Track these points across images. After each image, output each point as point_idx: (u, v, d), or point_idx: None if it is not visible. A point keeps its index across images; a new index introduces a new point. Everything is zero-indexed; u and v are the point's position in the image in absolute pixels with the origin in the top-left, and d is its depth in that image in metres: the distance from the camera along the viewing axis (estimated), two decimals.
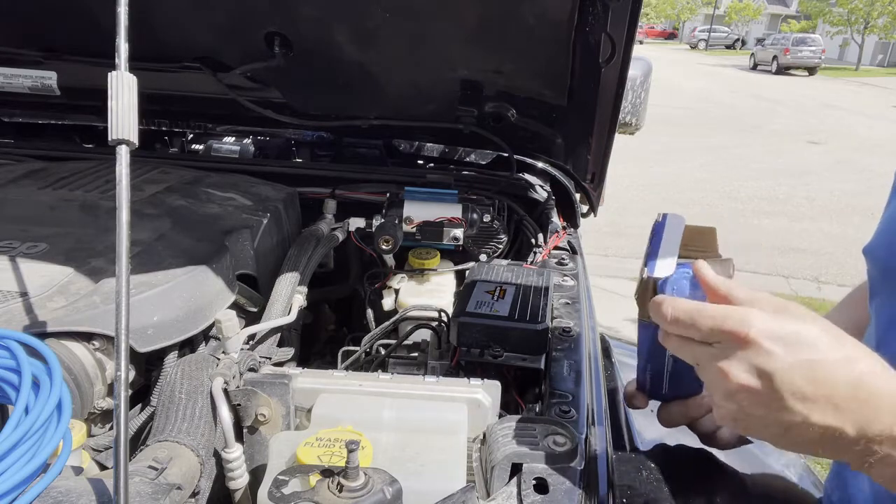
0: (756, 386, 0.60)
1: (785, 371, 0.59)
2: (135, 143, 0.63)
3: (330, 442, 0.75)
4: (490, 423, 0.80)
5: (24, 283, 0.90)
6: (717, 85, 20.25)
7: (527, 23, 1.28)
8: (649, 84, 2.01)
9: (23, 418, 0.64)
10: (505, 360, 0.97)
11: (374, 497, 0.64)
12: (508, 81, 1.50)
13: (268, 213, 1.29)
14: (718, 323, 0.63)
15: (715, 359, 0.63)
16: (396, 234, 1.35)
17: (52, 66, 1.57)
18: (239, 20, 1.42)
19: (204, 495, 0.80)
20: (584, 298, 1.19)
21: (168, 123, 1.89)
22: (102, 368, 0.86)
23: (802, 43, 26.09)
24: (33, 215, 1.11)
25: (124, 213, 0.61)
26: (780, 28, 39.87)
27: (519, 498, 0.67)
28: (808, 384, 0.59)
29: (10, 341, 0.72)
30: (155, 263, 0.99)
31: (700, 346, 0.65)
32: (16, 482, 0.61)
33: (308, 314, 1.37)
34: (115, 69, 0.62)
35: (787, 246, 5.96)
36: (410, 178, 1.63)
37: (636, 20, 1.16)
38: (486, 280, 1.13)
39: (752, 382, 0.60)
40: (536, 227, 1.55)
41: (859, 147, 10.57)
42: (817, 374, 0.59)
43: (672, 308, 0.66)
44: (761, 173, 8.81)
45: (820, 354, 0.59)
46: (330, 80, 1.58)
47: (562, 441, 0.73)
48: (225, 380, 0.84)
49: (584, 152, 1.62)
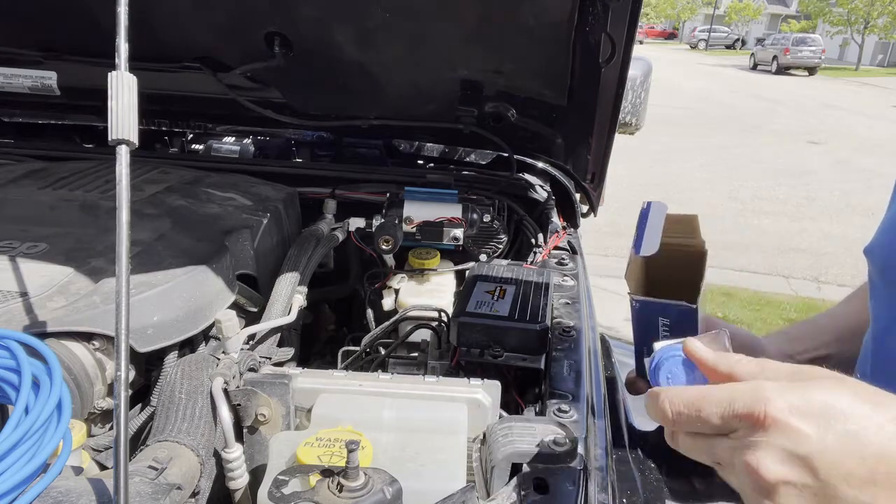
0: (794, 477, 0.49)
1: (824, 452, 0.48)
2: (135, 143, 0.63)
3: (330, 442, 0.75)
4: (490, 423, 0.80)
5: (24, 283, 0.90)
6: (717, 85, 20.25)
7: (527, 23, 1.28)
8: (649, 84, 2.02)
9: (23, 418, 0.64)
10: (505, 360, 0.96)
11: (374, 497, 0.64)
12: (508, 81, 1.50)
13: (268, 213, 1.29)
14: (728, 407, 0.52)
15: (737, 454, 0.51)
16: (396, 234, 1.35)
17: (52, 66, 1.57)
18: (239, 20, 1.42)
19: (204, 495, 0.80)
20: (584, 298, 1.19)
21: (168, 123, 1.89)
22: (102, 368, 0.86)
23: (802, 43, 26.10)
24: (33, 215, 1.11)
25: (124, 213, 0.61)
26: (780, 28, 39.88)
27: (519, 498, 0.67)
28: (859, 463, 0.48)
29: (10, 341, 0.72)
30: (155, 263, 0.99)
31: (716, 441, 0.54)
32: (16, 482, 0.61)
33: (308, 314, 1.37)
34: (115, 69, 0.62)
35: (787, 246, 5.96)
36: (410, 178, 1.63)
37: (636, 20, 1.16)
38: (486, 280, 1.13)
39: (791, 475, 0.49)
40: (536, 227, 1.55)
41: (859, 147, 10.57)
42: (866, 450, 0.48)
43: (670, 402, 0.55)
44: (761, 173, 8.81)
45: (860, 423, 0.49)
46: (330, 80, 1.58)
47: (562, 441, 0.73)
48: (225, 380, 0.84)
49: (584, 152, 1.62)
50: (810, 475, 0.49)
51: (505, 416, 0.84)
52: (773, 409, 0.49)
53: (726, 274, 5.17)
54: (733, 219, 6.72)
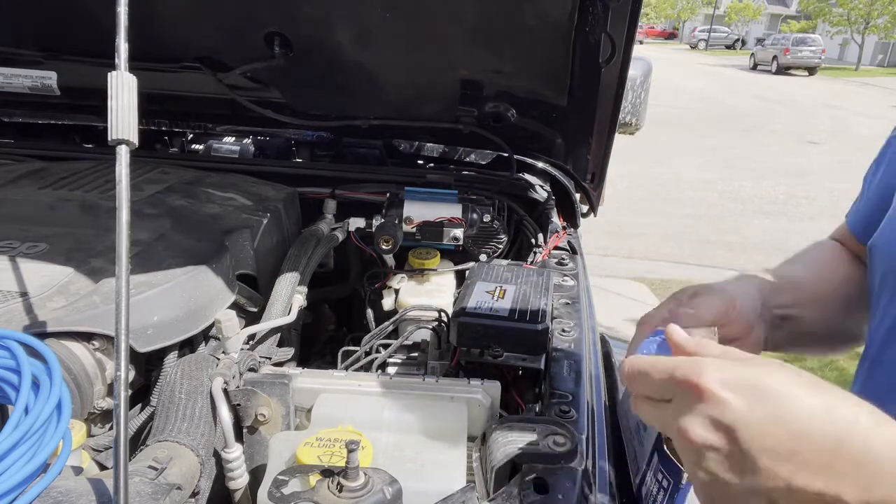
0: (717, 443, 0.52)
1: (748, 424, 0.51)
2: (135, 143, 0.63)
3: (330, 442, 0.75)
4: (490, 423, 0.80)
5: (24, 283, 0.90)
6: (717, 85, 20.25)
7: (527, 23, 1.28)
8: (649, 84, 2.02)
9: (23, 418, 0.64)
10: (505, 360, 0.96)
11: (374, 497, 0.64)
12: (508, 81, 1.50)
13: (268, 213, 1.29)
14: (670, 374, 0.56)
15: (673, 419, 0.55)
16: (396, 234, 1.35)
17: (52, 66, 1.57)
18: (239, 20, 1.42)
19: (204, 495, 0.80)
20: (584, 298, 1.19)
21: (168, 123, 1.89)
22: (102, 368, 0.86)
23: (802, 43, 26.09)
24: (33, 215, 1.11)
25: (124, 213, 0.61)
26: (780, 28, 39.88)
27: (519, 498, 0.67)
28: (782, 439, 0.50)
29: (10, 341, 0.72)
30: (155, 263, 0.99)
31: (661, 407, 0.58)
32: (16, 482, 0.61)
33: (308, 314, 1.37)
34: (115, 69, 0.62)
35: (787, 246, 5.96)
36: (410, 178, 1.63)
37: (636, 20, 1.16)
38: (486, 280, 1.13)
39: (712, 438, 0.52)
40: (536, 227, 1.55)
41: (859, 147, 10.56)
42: (791, 427, 0.50)
43: (629, 365, 0.61)
44: (761, 173, 8.81)
45: (790, 404, 0.51)
46: (330, 80, 1.58)
47: (562, 441, 0.73)
48: (225, 380, 0.84)
49: (584, 152, 1.62)
50: (732, 443, 0.51)
51: (505, 416, 0.84)
52: (707, 379, 0.53)
53: (726, 274, 5.15)
54: (733, 219, 6.72)
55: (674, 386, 0.56)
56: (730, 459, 0.52)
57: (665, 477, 0.72)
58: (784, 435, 0.50)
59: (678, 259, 5.45)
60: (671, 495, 0.70)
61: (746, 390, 0.52)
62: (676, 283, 4.88)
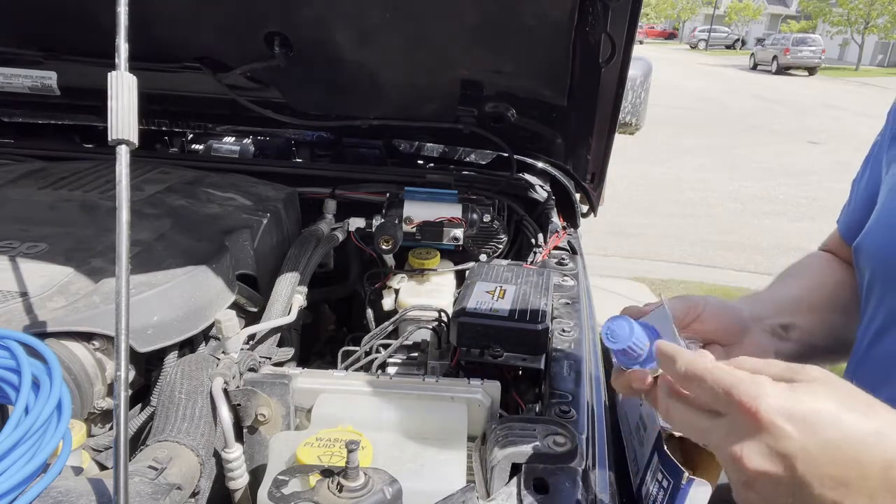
0: (773, 470, 0.53)
1: (805, 454, 0.52)
2: (135, 143, 0.63)
3: (330, 442, 0.75)
4: (490, 423, 0.80)
5: (24, 283, 0.90)
6: (717, 85, 20.25)
7: (527, 23, 1.28)
8: (649, 84, 2.02)
9: (23, 418, 0.64)
10: (505, 360, 0.96)
11: (374, 497, 0.64)
12: (508, 81, 1.50)
13: (268, 213, 1.29)
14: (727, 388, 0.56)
15: (726, 440, 0.56)
16: (396, 234, 1.35)
17: (52, 66, 1.57)
18: (239, 20, 1.42)
19: (204, 495, 0.80)
20: (584, 298, 1.19)
21: (168, 123, 1.89)
22: (102, 368, 0.86)
23: (802, 43, 26.08)
24: (33, 215, 1.11)
25: (124, 213, 0.61)
26: (780, 28, 39.88)
27: (519, 498, 0.67)
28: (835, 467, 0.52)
29: (10, 341, 0.72)
30: (155, 263, 0.99)
31: (707, 420, 0.58)
32: (16, 482, 0.61)
33: (308, 314, 1.37)
34: (115, 69, 0.62)
35: (787, 246, 5.95)
36: (410, 178, 1.63)
37: (636, 20, 1.16)
38: (486, 280, 1.13)
39: (771, 468, 0.53)
40: (536, 227, 1.55)
41: (859, 147, 10.54)
42: (844, 455, 0.52)
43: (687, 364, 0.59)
44: (761, 173, 8.80)
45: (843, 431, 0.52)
46: (330, 80, 1.58)
47: (562, 441, 0.73)
48: (225, 380, 0.84)
49: (584, 152, 1.62)
50: (788, 472, 0.53)
51: (505, 416, 0.84)
52: (765, 407, 0.54)
53: (726, 274, 5.17)
54: (733, 219, 6.72)
55: (729, 404, 0.56)
56: (784, 486, 0.54)
57: (665, 477, 0.72)
58: (837, 463, 0.52)
59: (678, 259, 5.45)
60: (671, 495, 0.70)
61: (803, 419, 0.53)
62: (676, 283, 4.88)
